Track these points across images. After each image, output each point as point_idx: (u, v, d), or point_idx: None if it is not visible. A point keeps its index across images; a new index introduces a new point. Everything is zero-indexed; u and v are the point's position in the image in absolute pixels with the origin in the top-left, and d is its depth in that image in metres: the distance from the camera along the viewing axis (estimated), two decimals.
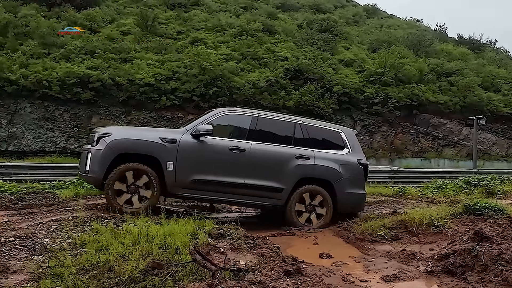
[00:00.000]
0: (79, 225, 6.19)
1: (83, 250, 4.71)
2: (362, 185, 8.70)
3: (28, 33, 30.41)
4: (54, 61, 28.30)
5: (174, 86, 28.47)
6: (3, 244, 5.55)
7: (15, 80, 25.93)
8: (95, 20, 33.33)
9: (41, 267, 4.36)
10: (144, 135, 7.91)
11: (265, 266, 4.37)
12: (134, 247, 4.61)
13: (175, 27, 36.33)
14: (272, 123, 8.54)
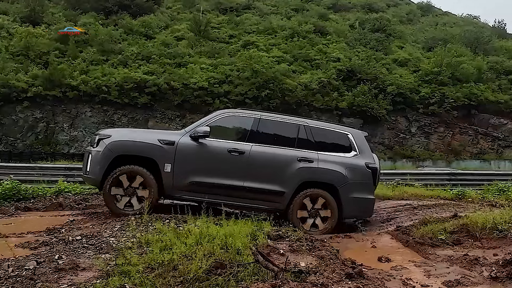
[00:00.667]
0: (141, 225, 6.42)
1: (148, 249, 4.89)
2: (371, 189, 8.15)
3: (87, 40, 31.78)
4: (112, 67, 29.46)
5: (227, 89, 28.87)
6: (70, 243, 5.85)
7: (76, 86, 27.28)
8: (150, 27, 34.34)
9: (109, 265, 4.56)
10: (143, 137, 7.90)
11: (326, 268, 4.40)
12: (196, 247, 4.75)
13: (227, 31, 36.84)
14: (275, 125, 8.29)
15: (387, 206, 9.90)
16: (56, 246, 5.73)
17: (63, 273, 4.43)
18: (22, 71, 27.84)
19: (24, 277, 4.35)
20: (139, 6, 36.26)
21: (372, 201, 8.17)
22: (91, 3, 36.27)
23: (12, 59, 29.20)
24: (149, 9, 37.17)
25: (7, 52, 29.69)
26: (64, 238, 6.18)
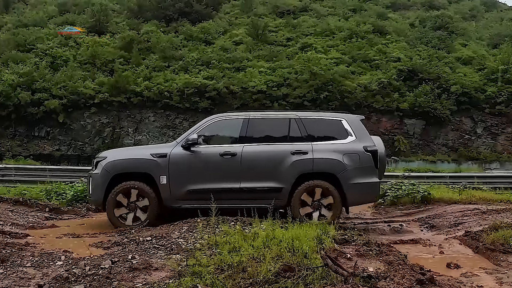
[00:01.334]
0: (207, 226, 6.58)
1: (216, 251, 5.02)
2: (373, 173, 7.87)
3: (150, 48, 32.88)
4: (173, 73, 30.32)
5: (285, 92, 28.94)
6: (141, 243, 6.08)
7: (140, 92, 28.33)
8: (209, 33, 35.01)
9: (180, 266, 4.72)
10: (136, 153, 8.41)
11: (395, 273, 4.33)
12: (264, 250, 4.82)
13: (285, 34, 36.90)
14: (265, 123, 8.34)
15: (454, 211, 9.57)
16: (128, 246, 5.98)
17: (137, 273, 4.63)
18: (89, 79, 29.24)
19: (101, 276, 4.57)
20: (198, 13, 37.04)
21: (376, 185, 7.98)
22: (152, 11, 37.45)
23: (80, 67, 30.72)
24: (208, 15, 37.88)
25: (75, 61, 31.26)
26: (134, 238, 6.43)
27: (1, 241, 6.61)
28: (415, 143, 29.57)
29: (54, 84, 28.26)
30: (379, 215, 10.09)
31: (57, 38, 33.62)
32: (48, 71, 29.46)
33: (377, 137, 8.68)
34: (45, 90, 28.02)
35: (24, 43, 32.82)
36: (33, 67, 29.58)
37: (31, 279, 4.96)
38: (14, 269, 5.31)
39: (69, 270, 4.93)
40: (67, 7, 39.61)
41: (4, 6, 39.64)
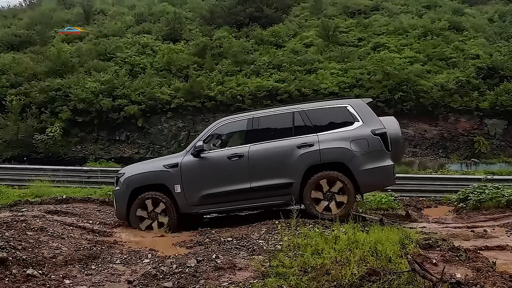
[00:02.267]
0: (286, 228, 6.64)
1: (298, 253, 5.07)
2: (383, 156, 7.68)
3: (222, 53, 33.58)
4: (245, 77, 30.76)
5: (358, 93, 28.40)
6: (223, 243, 6.25)
7: (213, 96, 29.04)
8: (280, 36, 35.16)
9: (264, 266, 4.82)
10: (150, 166, 8.74)
11: (485, 281, 4.18)
12: (347, 253, 4.81)
13: (356, 34, 36.29)
14: (269, 120, 8.35)
15: None
16: (210, 246, 6.19)
17: (222, 272, 4.79)
18: (166, 85, 30.31)
19: (188, 274, 4.77)
20: (269, 17, 37.33)
21: (389, 168, 7.74)
22: (224, 17, 38.18)
23: (157, 74, 31.92)
24: (278, 18, 38.07)
25: (152, 68, 32.52)
26: (216, 239, 6.63)
27: (92, 239, 7.06)
28: (496, 144, 28.03)
29: (133, 90, 29.61)
30: (461, 220, 9.73)
31: (135, 47, 35.13)
32: (127, 78, 30.90)
33: (391, 118, 8.65)
34: (125, 96, 29.41)
35: (104, 52, 34.59)
36: (114, 75, 31.14)
37: (121, 275, 5.27)
38: (105, 266, 5.67)
39: (156, 267, 5.18)
40: (143, 17, 41.23)
41: (85, 18, 41.94)
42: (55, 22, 41.83)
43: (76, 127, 29.74)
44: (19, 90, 30.53)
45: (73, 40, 37.79)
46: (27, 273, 4.98)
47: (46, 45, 36.49)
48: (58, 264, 5.46)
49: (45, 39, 37.62)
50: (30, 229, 6.77)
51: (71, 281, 5.01)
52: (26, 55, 35.33)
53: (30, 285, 4.74)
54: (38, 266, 5.22)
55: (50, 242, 6.29)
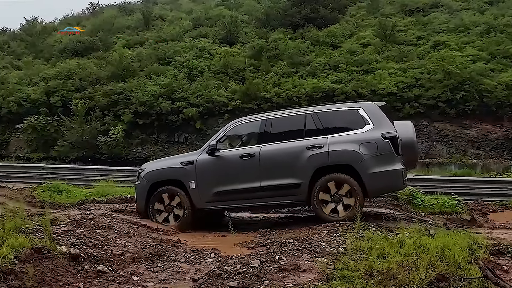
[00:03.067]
0: (347, 231, 6.57)
1: (363, 256, 5.00)
2: (392, 160, 7.64)
3: (278, 55, 33.62)
4: (301, 78, 30.64)
5: (417, 93, 27.70)
6: (284, 245, 6.27)
7: (269, 98, 29.12)
8: (335, 36, 34.82)
9: (328, 268, 4.79)
10: (168, 163, 9.32)
11: None
12: (413, 257, 4.70)
13: (415, 32, 35.32)
14: (282, 121, 8.53)
15: None
16: (271, 247, 6.22)
17: (286, 273, 4.80)
18: (223, 87, 30.72)
19: (252, 274, 4.82)
20: (324, 18, 37.04)
21: (398, 172, 7.71)
22: (279, 19, 38.25)
23: (214, 77, 32.41)
24: (334, 19, 37.71)
25: (209, 71, 33.06)
26: (277, 240, 6.67)
27: (156, 237, 7.27)
28: None
29: (191, 93, 30.19)
30: None
31: (192, 51, 35.84)
32: (186, 82, 31.52)
33: (407, 122, 8.73)
34: (183, 99, 30.03)
35: (163, 56, 35.49)
36: (172, 78, 31.88)
37: (186, 274, 5.39)
38: (170, 264, 5.83)
39: (220, 267, 5.26)
40: (200, 21, 42.00)
41: (145, 24, 43.24)
42: (117, 28, 43.45)
43: (137, 129, 30.67)
44: (83, 94, 31.91)
45: (133, 45, 39.08)
46: (98, 269, 5.21)
47: (108, 50, 37.94)
48: (126, 261, 5.67)
49: (107, 45, 39.13)
50: (98, 227, 7.07)
51: (138, 277, 5.18)
52: (90, 60, 36.85)
53: (101, 281, 4.94)
54: (107, 263, 5.44)
55: (117, 239, 6.54)
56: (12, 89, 33.73)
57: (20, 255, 4.71)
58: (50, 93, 32.77)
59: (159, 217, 8.67)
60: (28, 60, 39.50)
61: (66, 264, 5.04)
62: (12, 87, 33.97)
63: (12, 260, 4.53)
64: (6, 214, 6.77)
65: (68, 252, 5.24)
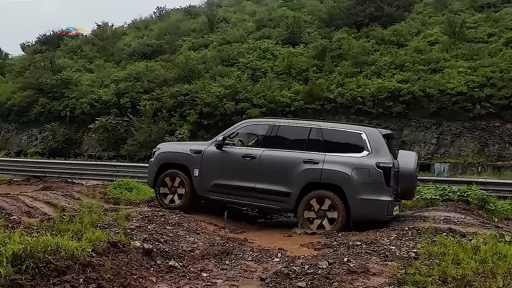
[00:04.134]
0: (417, 236, 6.41)
1: (435, 261, 4.86)
2: (381, 190, 7.72)
3: (341, 55, 33.22)
4: (366, 78, 30.10)
5: (488, 93, 26.42)
6: (352, 247, 6.20)
7: (333, 98, 28.82)
8: (401, 35, 33.94)
9: (399, 273, 4.69)
10: (181, 148, 9.97)
11: None
12: (489, 264, 4.52)
13: (486, 29, 33.71)
14: (288, 130, 8.96)
15: None
16: (339, 249, 6.18)
17: (355, 276, 4.75)
18: (286, 88, 30.73)
19: (320, 275, 4.81)
20: (389, 16, 36.22)
21: (383, 203, 7.76)
22: (342, 19, 37.80)
23: (277, 77, 32.50)
24: (399, 17, 36.77)
25: (273, 72, 33.19)
26: (343, 242, 6.60)
27: (224, 235, 7.41)
28: None
29: (255, 94, 30.44)
30: None
31: (256, 52, 36.14)
32: (249, 83, 31.82)
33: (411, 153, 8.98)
34: (247, 100, 30.32)
35: (227, 58, 36.04)
36: (236, 79, 32.32)
37: (253, 272, 5.46)
38: (238, 262, 5.91)
39: (288, 267, 5.28)
40: (264, 23, 42.25)
41: (209, 27, 44.07)
42: (182, 31, 44.57)
43: (202, 129, 31.25)
44: (151, 96, 32.97)
45: (199, 47, 39.96)
46: (169, 264, 5.36)
47: (174, 53, 39.03)
48: (196, 257, 5.81)
49: (173, 48, 40.25)
50: (168, 223, 7.30)
51: (208, 274, 5.30)
52: (157, 63, 38.05)
53: (172, 276, 5.09)
54: (178, 258, 5.59)
55: (187, 236, 6.73)
56: (85, 91, 35.47)
57: (98, 249, 4.91)
58: (120, 94, 34.15)
59: (166, 199, 9.48)
60: (99, 63, 41.42)
61: (140, 258, 5.22)
62: (85, 89, 35.73)
63: (90, 253, 4.73)
64: (82, 209, 7.10)
65: (142, 247, 5.43)
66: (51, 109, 35.83)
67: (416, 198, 10.74)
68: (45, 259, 4.20)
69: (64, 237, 4.84)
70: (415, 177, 8.57)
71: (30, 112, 36.65)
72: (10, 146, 37.89)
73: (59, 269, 4.25)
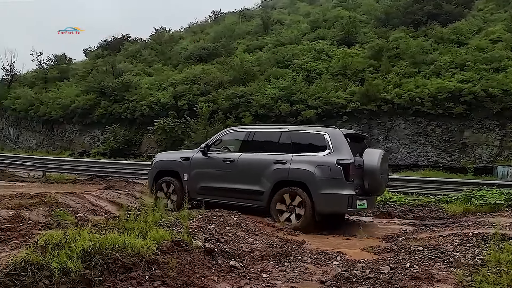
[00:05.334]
0: (482, 242, 6.20)
1: (503, 269, 4.69)
2: (341, 185, 8.37)
3: (399, 54, 32.49)
4: (424, 78, 29.29)
5: None
6: (414, 252, 6.07)
7: (390, 99, 28.22)
8: (462, 33, 32.83)
9: (465, 280, 4.56)
10: (173, 156, 10.98)
11: None
12: None
13: None
14: (262, 135, 9.91)
15: None
16: (400, 254, 6.07)
17: (419, 282, 4.66)
18: (341, 89, 30.41)
19: (382, 280, 4.75)
20: (449, 14, 35.10)
21: (343, 197, 8.35)
22: (399, 17, 37.02)
23: (332, 78, 32.21)
24: (459, 14, 35.56)
25: (328, 73, 32.94)
26: (404, 247, 6.48)
27: (282, 237, 7.46)
28: None
29: (310, 95, 30.27)
30: None
31: (310, 53, 36.01)
32: (304, 84, 31.72)
33: (378, 151, 9.30)
34: (302, 101, 30.21)
35: (282, 60, 36.12)
36: (291, 81, 32.30)
37: (313, 275, 5.46)
38: (297, 264, 5.94)
39: (348, 270, 5.25)
40: (318, 23, 42.03)
41: (264, 29, 44.35)
42: (237, 34, 45.10)
43: None
44: (207, 98, 33.55)
45: (253, 50, 40.27)
46: (230, 264, 5.46)
47: (230, 56, 39.54)
48: (255, 258, 5.88)
49: (229, 51, 40.78)
50: (227, 224, 7.42)
51: (267, 275, 5.35)
52: (213, 65, 38.69)
53: (233, 276, 5.18)
54: (238, 259, 5.68)
55: (246, 237, 6.82)
56: (144, 94, 36.59)
57: (162, 247, 5.06)
58: (177, 97, 34.94)
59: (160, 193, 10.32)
60: (158, 67, 42.59)
61: (202, 257, 5.34)
62: (144, 92, 36.86)
63: (155, 251, 4.89)
64: (145, 208, 7.33)
65: (203, 247, 5.55)
66: (112, 111, 37.23)
67: (480, 203, 10.37)
68: (113, 256, 4.39)
69: (130, 235, 5.01)
70: (379, 173, 8.96)
71: (93, 114, 38.23)
72: (74, 147, 39.64)
73: (126, 265, 4.42)
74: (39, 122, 42.99)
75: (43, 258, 4.01)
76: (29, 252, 4.09)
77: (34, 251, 4.13)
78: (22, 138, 45.07)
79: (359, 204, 8.70)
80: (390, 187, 14.76)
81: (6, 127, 47.40)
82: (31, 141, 43.88)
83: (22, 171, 23.56)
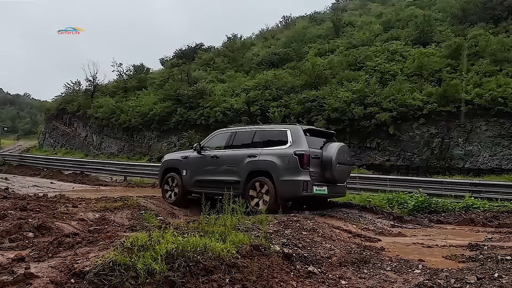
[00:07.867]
0: None
1: None
2: (297, 172, 9.82)
3: (478, 52, 31.04)
4: (507, 76, 27.75)
5: None
6: (501, 262, 5.77)
7: (470, 99, 26.89)
8: None
9: None
10: (175, 156, 12.87)
11: None
12: None
13: None
14: (242, 134, 11.47)
15: None
16: (486, 263, 5.79)
17: None
18: (417, 90, 29.39)
19: None
20: None
21: (299, 182, 9.82)
22: (478, 14, 35.41)
23: (407, 79, 31.28)
24: None
25: (402, 74, 32.04)
26: (491, 255, 6.18)
27: (360, 243, 7.36)
28: None
29: (384, 98, 29.50)
30: None
31: (383, 55, 35.24)
32: (378, 86, 30.95)
33: (337, 144, 10.66)
34: (376, 104, 29.50)
35: (354, 62, 35.62)
36: (364, 83, 31.70)
37: (393, 283, 5.35)
38: (376, 271, 5.83)
39: (431, 279, 5.09)
40: (391, 24, 41.11)
41: (335, 32, 44.01)
42: (308, 38, 45.04)
43: None
44: (279, 103, 33.70)
45: (325, 53, 40.03)
46: (308, 269, 5.46)
47: (301, 60, 39.56)
48: (333, 264, 5.84)
49: (300, 55, 40.83)
50: (304, 229, 7.44)
51: (346, 282, 5.29)
52: (284, 70, 38.87)
53: (312, 282, 5.17)
54: (316, 264, 5.67)
55: (323, 242, 6.80)
56: (218, 100, 37.42)
57: (241, 251, 5.16)
58: (250, 102, 35.43)
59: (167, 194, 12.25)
60: (230, 74, 43.47)
61: (280, 262, 5.39)
62: (218, 99, 37.70)
63: (235, 255, 4.99)
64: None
65: (282, 251, 5.60)
66: (188, 118, 38.32)
67: None
68: (195, 259, 4.55)
69: (210, 239, 5.16)
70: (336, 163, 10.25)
71: (170, 121, 39.56)
72: (152, 152, 41.18)
73: (207, 268, 4.57)
74: (120, 129, 45.10)
75: (130, 259, 4.24)
76: (116, 253, 4.34)
77: (121, 252, 4.38)
78: (104, 145, 47.49)
79: (316, 189, 10.08)
80: (473, 192, 14.12)
81: (90, 134, 50.14)
82: (112, 147, 46.13)
83: (105, 176, 24.90)
